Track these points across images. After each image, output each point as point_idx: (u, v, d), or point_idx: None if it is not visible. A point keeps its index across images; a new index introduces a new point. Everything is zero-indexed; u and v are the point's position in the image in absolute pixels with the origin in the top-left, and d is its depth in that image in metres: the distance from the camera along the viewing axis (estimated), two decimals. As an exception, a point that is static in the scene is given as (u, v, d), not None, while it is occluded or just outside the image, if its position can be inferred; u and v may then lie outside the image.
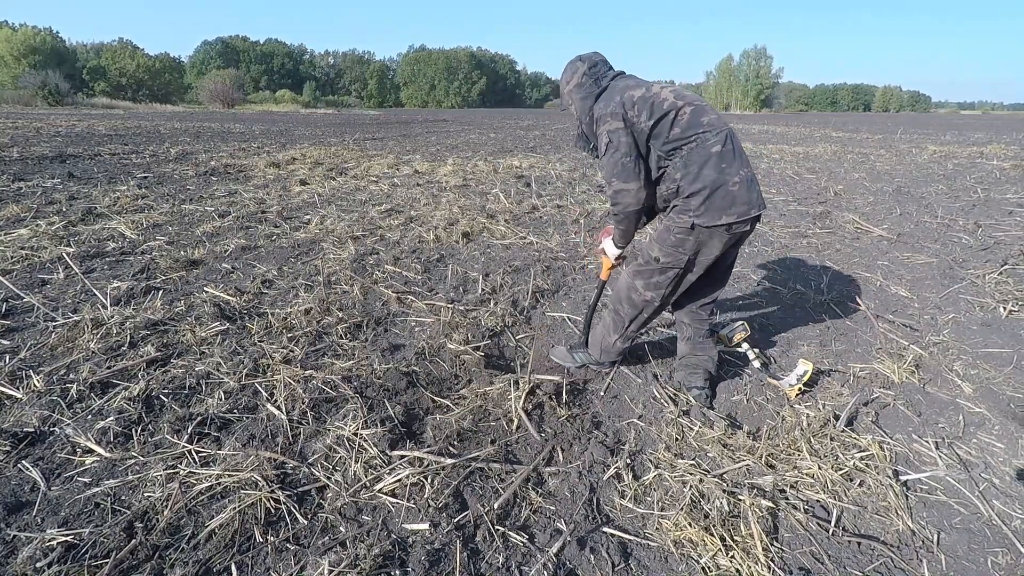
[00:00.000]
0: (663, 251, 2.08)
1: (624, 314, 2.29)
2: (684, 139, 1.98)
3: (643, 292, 2.19)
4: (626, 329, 2.32)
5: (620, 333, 2.34)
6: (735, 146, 2.01)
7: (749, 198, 1.97)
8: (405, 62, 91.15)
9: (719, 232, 2.00)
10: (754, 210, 1.99)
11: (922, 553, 1.60)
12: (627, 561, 1.54)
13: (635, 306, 2.24)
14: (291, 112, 39.97)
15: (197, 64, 71.99)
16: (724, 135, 1.99)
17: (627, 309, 2.27)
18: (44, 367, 2.38)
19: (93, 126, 15.80)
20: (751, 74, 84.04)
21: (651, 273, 2.15)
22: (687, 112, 1.99)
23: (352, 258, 4.13)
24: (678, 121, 1.98)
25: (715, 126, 1.99)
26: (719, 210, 1.95)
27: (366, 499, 1.71)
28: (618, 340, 2.36)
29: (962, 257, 4.55)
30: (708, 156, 1.95)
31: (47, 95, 35.83)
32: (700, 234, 2.00)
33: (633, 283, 2.22)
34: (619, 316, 2.31)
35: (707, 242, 2.03)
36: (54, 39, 53.57)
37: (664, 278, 2.13)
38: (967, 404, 2.36)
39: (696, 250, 2.05)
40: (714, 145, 1.96)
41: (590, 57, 2.21)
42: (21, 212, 5.04)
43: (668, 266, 2.10)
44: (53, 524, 1.56)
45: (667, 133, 1.98)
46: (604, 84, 2.14)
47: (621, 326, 2.32)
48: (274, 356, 2.54)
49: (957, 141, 17.01)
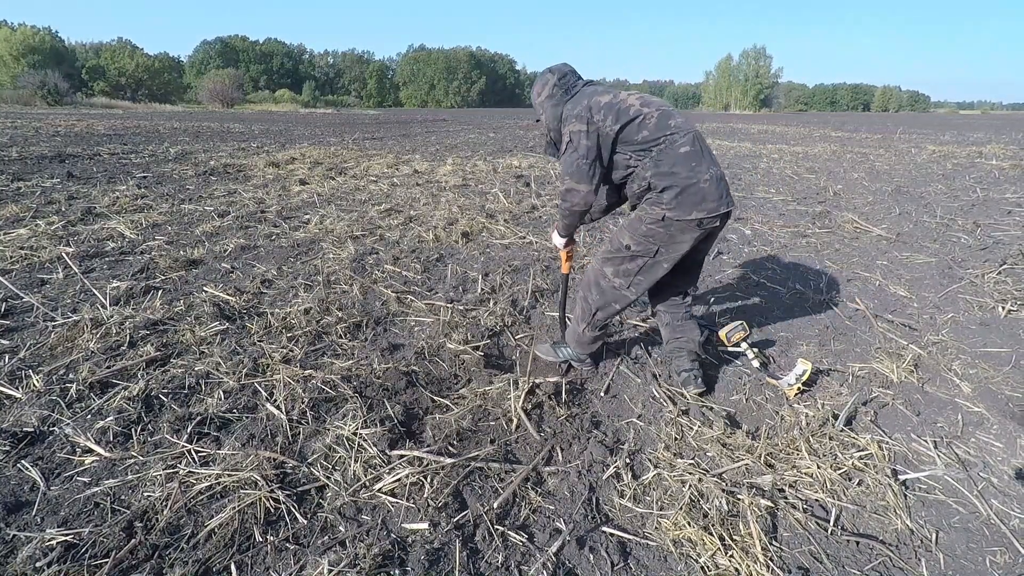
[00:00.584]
0: (633, 239, 2.13)
1: (592, 301, 2.31)
2: (653, 141, 2.05)
3: (612, 279, 2.23)
4: (593, 316, 2.32)
5: (587, 321, 2.34)
6: (702, 146, 2.09)
7: (719, 195, 2.04)
8: (404, 62, 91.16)
9: (690, 226, 2.04)
10: (723, 207, 2.04)
11: (921, 552, 1.60)
12: (626, 560, 1.54)
13: (603, 292, 2.26)
14: (290, 112, 39.96)
15: (196, 64, 71.95)
16: (691, 136, 2.06)
17: (595, 295, 2.29)
18: (43, 367, 2.38)
19: (92, 126, 15.78)
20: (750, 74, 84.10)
21: (620, 260, 2.19)
22: (654, 116, 2.06)
23: (351, 258, 4.13)
24: (645, 124, 2.05)
25: (682, 128, 2.06)
26: (691, 205, 2.01)
27: (365, 499, 1.71)
28: (586, 328, 2.36)
29: (961, 257, 4.55)
30: (677, 156, 2.02)
31: (46, 95, 35.81)
32: (671, 227, 2.05)
33: (602, 269, 2.25)
34: (586, 303, 2.34)
35: (677, 236, 2.07)
36: (53, 39, 53.52)
37: (633, 265, 2.17)
38: (966, 403, 2.36)
39: (666, 242, 2.09)
40: (683, 146, 2.03)
41: (560, 68, 2.28)
42: (20, 212, 5.03)
43: (637, 254, 2.14)
44: (53, 524, 1.56)
45: (635, 136, 2.06)
46: (573, 92, 2.22)
47: (588, 313, 2.33)
48: (273, 356, 2.54)
49: (956, 141, 17.02)
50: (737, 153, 12.63)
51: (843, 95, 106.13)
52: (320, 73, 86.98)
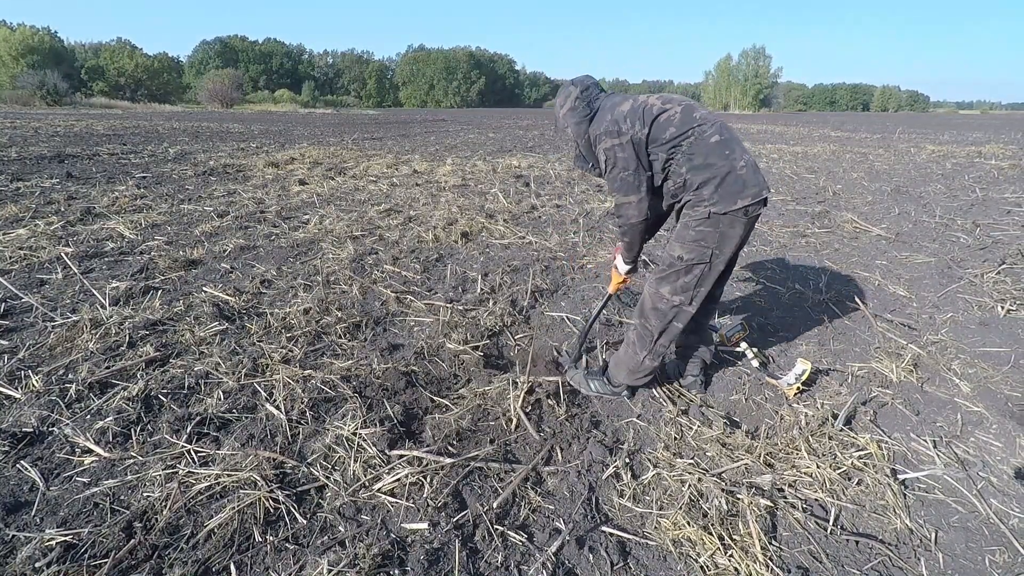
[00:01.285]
0: (685, 248, 2.04)
1: (652, 327, 2.15)
2: (682, 135, 1.99)
3: (670, 298, 2.09)
4: (655, 343, 2.17)
5: (649, 349, 2.18)
6: (732, 134, 2.04)
7: (758, 180, 1.98)
8: (404, 62, 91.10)
9: (738, 218, 1.97)
10: (765, 191, 1.99)
11: (920, 551, 1.60)
12: (626, 560, 1.54)
13: (662, 315, 2.13)
14: (290, 112, 39.95)
15: (196, 64, 71.86)
16: (719, 125, 2.02)
17: (654, 321, 2.14)
18: (43, 367, 2.37)
19: (91, 126, 15.77)
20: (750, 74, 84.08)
21: (676, 275, 2.07)
22: (677, 112, 2.02)
23: (351, 258, 4.12)
24: (671, 121, 2.01)
25: (708, 119, 2.02)
26: (733, 194, 1.94)
27: (365, 499, 1.71)
28: (647, 358, 2.20)
29: (960, 256, 4.56)
30: (709, 146, 1.97)
31: (45, 95, 35.77)
32: (720, 223, 1.97)
33: (658, 291, 2.12)
34: (646, 330, 2.18)
35: (727, 232, 1.99)
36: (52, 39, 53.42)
37: (691, 278, 2.05)
38: (965, 403, 2.36)
39: (718, 241, 2.00)
40: (712, 136, 1.98)
41: (582, 81, 2.26)
42: (20, 212, 5.03)
43: (693, 262, 2.03)
44: (52, 524, 1.56)
45: (664, 134, 2.00)
46: (596, 106, 2.19)
47: (649, 340, 2.17)
48: (273, 356, 2.54)
49: (955, 141, 17.03)
50: (736, 153, 12.62)
51: (842, 95, 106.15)
52: (319, 73, 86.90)
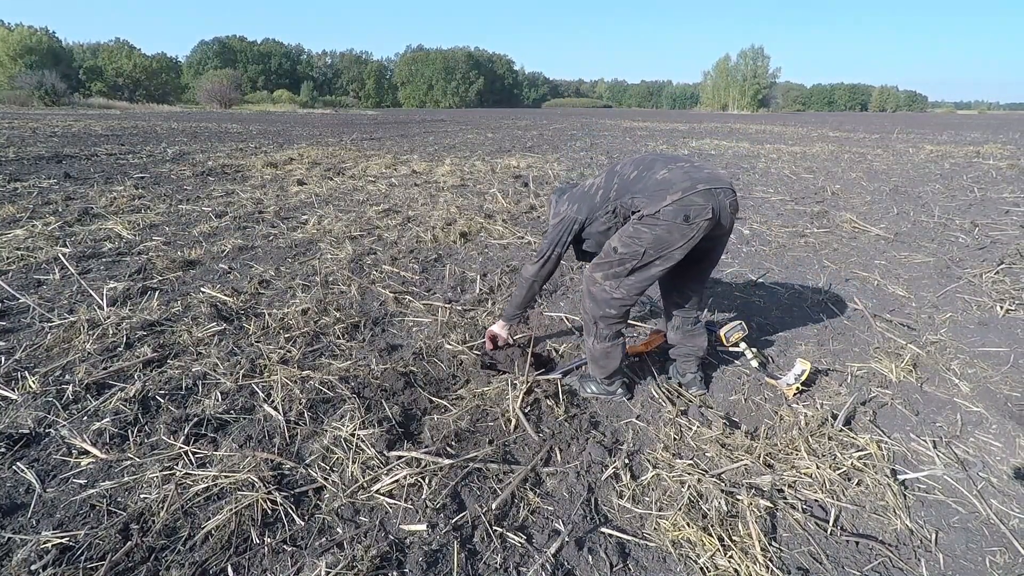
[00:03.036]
0: (621, 241, 2.13)
1: (588, 311, 2.27)
2: (607, 189, 2.21)
3: (602, 283, 2.20)
4: (596, 327, 2.26)
5: (592, 334, 2.29)
6: (654, 159, 2.16)
7: (689, 176, 1.99)
8: (403, 62, 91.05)
9: (676, 224, 1.97)
10: (700, 184, 1.96)
11: (920, 552, 1.60)
12: (625, 561, 1.54)
13: (595, 300, 2.23)
14: (288, 112, 39.93)
15: (194, 64, 71.77)
16: (639, 160, 2.19)
17: (588, 305, 2.26)
18: (40, 368, 2.36)
19: (89, 126, 15.74)
20: (748, 74, 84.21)
21: (609, 264, 2.16)
22: (599, 175, 2.30)
23: (349, 258, 4.12)
24: (593, 185, 2.29)
25: (626, 163, 2.22)
26: (660, 195, 1.99)
27: (363, 500, 1.70)
28: (594, 341, 2.29)
29: (959, 256, 4.56)
30: (627, 180, 2.15)
31: (43, 95, 35.73)
32: (656, 225, 2.00)
33: (592, 275, 2.24)
34: (586, 314, 2.30)
35: (663, 236, 2.01)
36: (50, 39, 53.36)
37: (621, 269, 2.14)
38: (964, 403, 2.36)
39: (653, 242, 2.03)
40: (630, 171, 2.16)
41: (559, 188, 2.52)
42: (17, 212, 5.02)
43: (625, 256, 2.10)
44: (48, 526, 1.55)
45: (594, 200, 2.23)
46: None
47: (591, 325, 2.28)
48: (271, 356, 2.53)
49: (954, 141, 17.06)
50: (735, 153, 12.65)
51: (841, 95, 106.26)
52: (318, 73, 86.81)
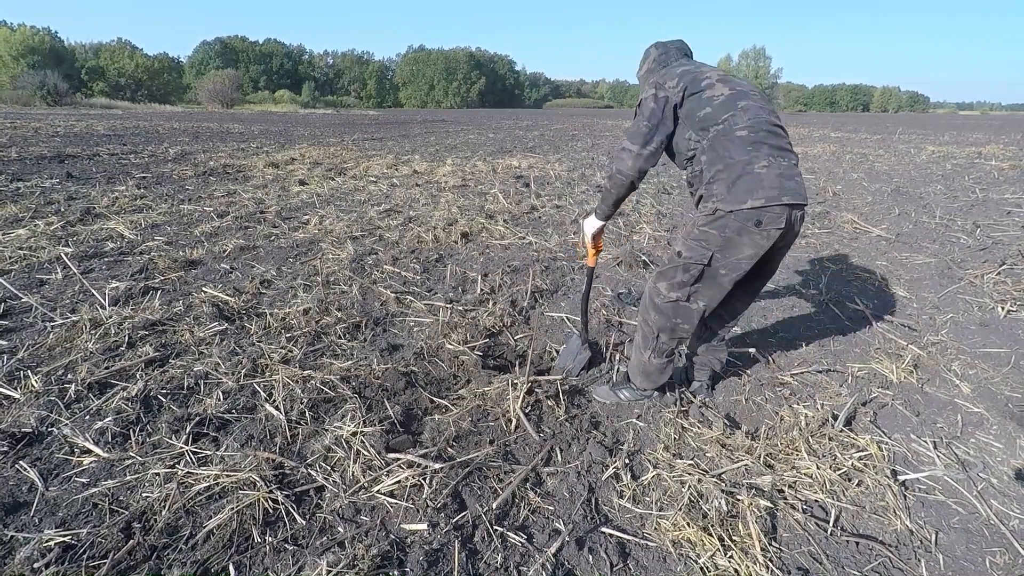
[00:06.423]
0: (685, 245, 1.95)
1: (651, 322, 2.09)
2: (713, 121, 1.87)
3: (667, 294, 2.01)
4: (656, 341, 2.10)
5: (651, 348, 2.12)
6: (768, 133, 1.86)
7: (780, 184, 1.78)
8: (404, 62, 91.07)
9: (747, 226, 1.81)
10: (786, 196, 1.78)
11: (920, 553, 1.60)
12: (625, 561, 1.54)
13: (661, 312, 2.05)
14: (290, 112, 39.97)
15: (196, 64, 71.83)
16: (756, 120, 1.86)
17: (653, 316, 2.08)
18: (42, 367, 2.37)
19: (92, 126, 15.77)
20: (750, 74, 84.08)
21: (674, 272, 1.99)
22: (724, 94, 1.89)
23: (351, 258, 4.12)
24: (711, 101, 1.89)
25: (750, 111, 1.87)
26: (743, 192, 1.79)
27: (364, 499, 1.71)
28: (651, 355, 2.14)
29: (960, 257, 4.55)
30: (733, 139, 1.84)
31: (45, 95, 35.75)
32: (726, 226, 1.83)
33: (655, 286, 2.05)
34: (647, 326, 2.12)
35: (733, 238, 1.84)
36: (52, 39, 53.48)
37: (688, 276, 1.96)
38: (965, 404, 2.36)
39: (721, 245, 1.87)
40: (741, 129, 1.84)
41: (664, 44, 2.15)
42: (19, 212, 5.03)
43: (690, 262, 1.93)
44: (51, 524, 1.56)
45: (698, 112, 1.89)
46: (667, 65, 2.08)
47: (652, 338, 2.11)
48: (272, 356, 2.54)
49: (955, 141, 17.03)
50: (736, 153, 12.61)
51: (842, 96, 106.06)
52: (319, 74, 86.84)
